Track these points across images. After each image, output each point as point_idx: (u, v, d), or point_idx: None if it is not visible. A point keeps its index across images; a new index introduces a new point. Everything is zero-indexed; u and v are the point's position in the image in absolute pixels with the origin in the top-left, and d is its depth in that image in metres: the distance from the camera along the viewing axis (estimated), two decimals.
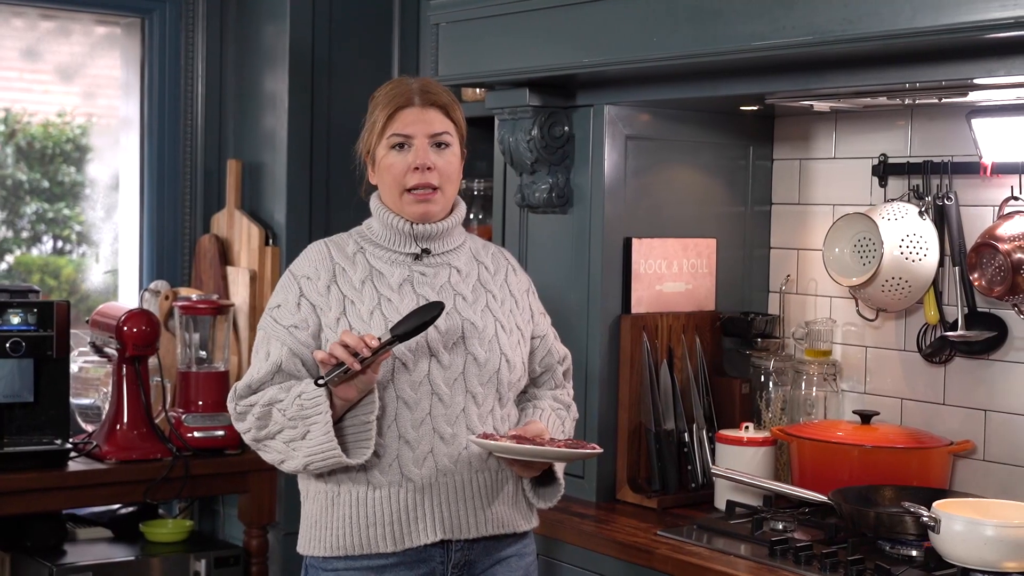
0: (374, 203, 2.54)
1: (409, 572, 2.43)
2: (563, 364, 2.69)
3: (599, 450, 2.44)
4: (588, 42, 2.89)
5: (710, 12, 2.59)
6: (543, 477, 2.53)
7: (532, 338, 2.62)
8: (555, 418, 2.62)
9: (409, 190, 2.45)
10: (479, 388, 2.46)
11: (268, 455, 2.44)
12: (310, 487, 2.48)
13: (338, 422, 2.36)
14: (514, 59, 3.08)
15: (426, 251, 2.50)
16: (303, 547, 2.50)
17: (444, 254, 2.53)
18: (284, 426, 2.37)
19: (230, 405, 2.45)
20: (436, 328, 2.42)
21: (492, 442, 2.38)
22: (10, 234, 4.30)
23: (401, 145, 2.45)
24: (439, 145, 2.47)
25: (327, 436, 2.32)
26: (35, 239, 4.34)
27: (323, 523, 2.45)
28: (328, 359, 2.29)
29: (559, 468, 2.53)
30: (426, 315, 2.33)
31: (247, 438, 2.46)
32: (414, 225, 2.48)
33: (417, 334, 2.34)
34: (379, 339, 2.30)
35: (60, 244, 4.39)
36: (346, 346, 2.28)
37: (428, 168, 2.44)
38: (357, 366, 2.28)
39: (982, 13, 2.19)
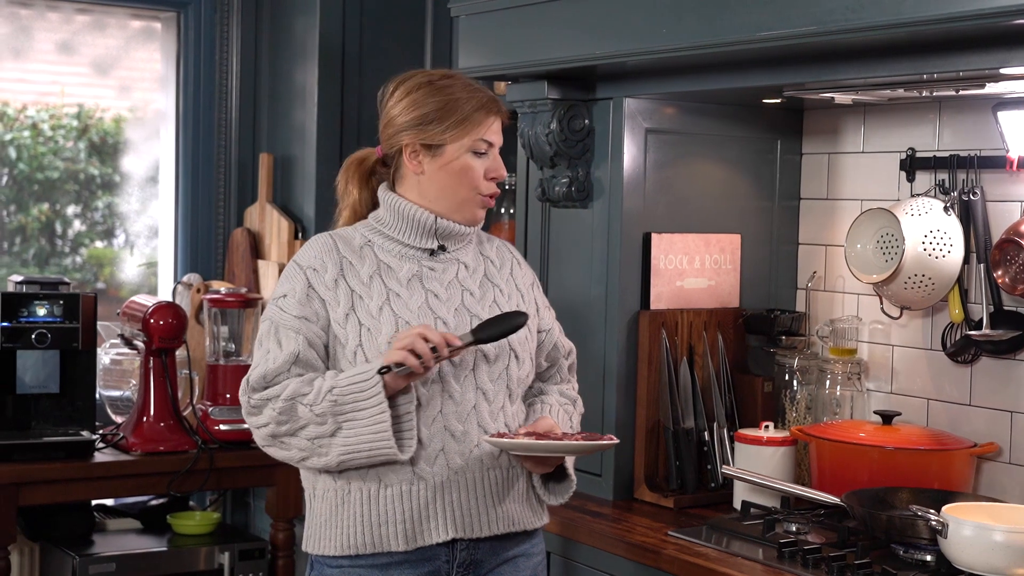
0: (391, 196, 2.46)
1: (414, 571, 2.39)
2: (568, 358, 2.66)
3: (615, 441, 2.42)
4: (601, 34, 2.85)
5: (717, 2, 2.54)
6: (555, 473, 2.50)
7: (538, 332, 2.58)
8: (563, 413, 2.58)
9: (482, 195, 2.45)
10: (489, 385, 2.43)
11: (283, 452, 2.38)
12: (317, 485, 2.43)
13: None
14: (531, 51, 3.05)
15: (442, 248, 2.47)
16: (311, 546, 2.45)
17: (455, 250, 2.50)
18: (310, 422, 2.31)
19: (243, 399, 2.38)
20: (445, 324, 2.40)
21: (507, 440, 2.35)
22: (84, 228, 4.35)
23: (483, 152, 2.44)
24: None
25: (382, 430, 2.28)
26: (108, 233, 4.39)
27: (333, 522, 2.40)
28: (405, 357, 2.26)
29: (570, 464, 2.49)
30: (509, 323, 2.37)
31: (262, 433, 2.38)
32: (438, 219, 2.44)
33: (497, 340, 2.37)
34: (460, 339, 2.32)
35: (111, 237, 4.43)
36: (427, 341, 2.27)
37: (504, 179, 2.49)
38: (433, 365, 2.29)
39: (987, 1, 2.11)
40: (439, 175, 2.43)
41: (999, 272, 2.78)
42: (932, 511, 2.41)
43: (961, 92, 2.65)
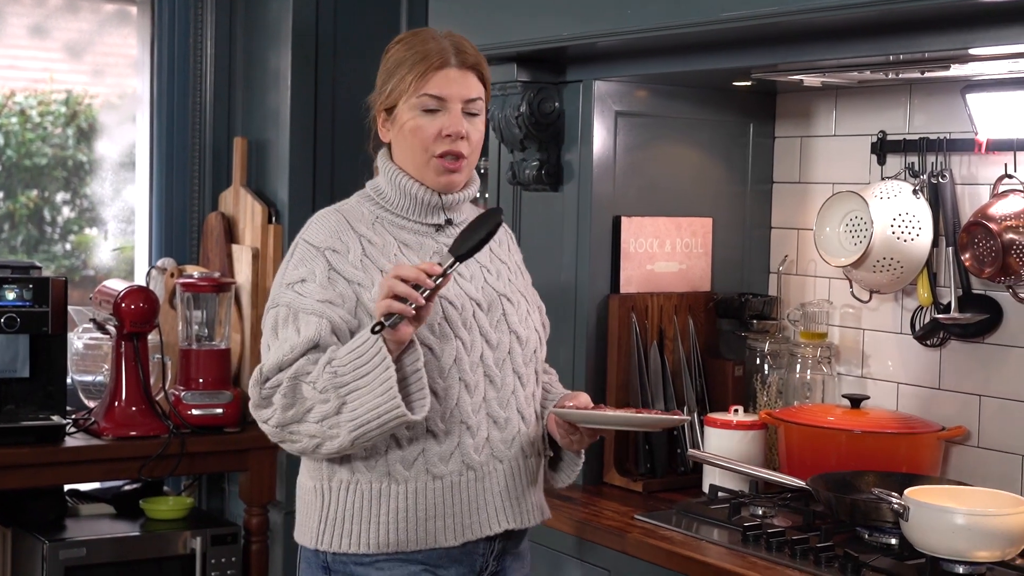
0: (387, 167, 2.30)
1: (460, 568, 2.27)
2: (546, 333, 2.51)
3: (687, 418, 2.43)
4: (569, 15, 2.84)
5: None
6: (566, 456, 2.42)
7: None
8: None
9: (436, 156, 2.24)
10: (523, 368, 2.30)
11: (297, 444, 2.16)
12: (334, 476, 2.23)
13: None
14: (501, 33, 3.03)
15: (449, 222, 2.30)
16: (326, 543, 2.23)
17: (459, 224, 2.31)
18: (316, 402, 2.11)
19: (253, 391, 2.16)
20: (479, 306, 2.26)
21: (593, 412, 2.27)
22: (73, 215, 4.33)
23: (432, 108, 2.23)
24: (470, 112, 2.26)
25: (389, 393, 2.07)
26: (97, 220, 4.37)
27: (364, 516, 2.20)
28: (389, 305, 2.06)
29: None
30: (486, 226, 2.14)
31: (270, 427, 2.16)
32: (442, 196, 2.28)
33: (479, 250, 2.15)
34: (440, 264, 2.10)
35: (86, 223, 4.41)
36: (405, 281, 2.06)
37: (461, 136, 2.24)
38: (422, 300, 2.06)
39: None
40: (398, 140, 2.28)
41: (967, 255, 2.77)
42: (894, 494, 2.40)
43: (927, 74, 2.63)
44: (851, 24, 2.39)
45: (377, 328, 2.07)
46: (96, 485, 4.02)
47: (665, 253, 3.21)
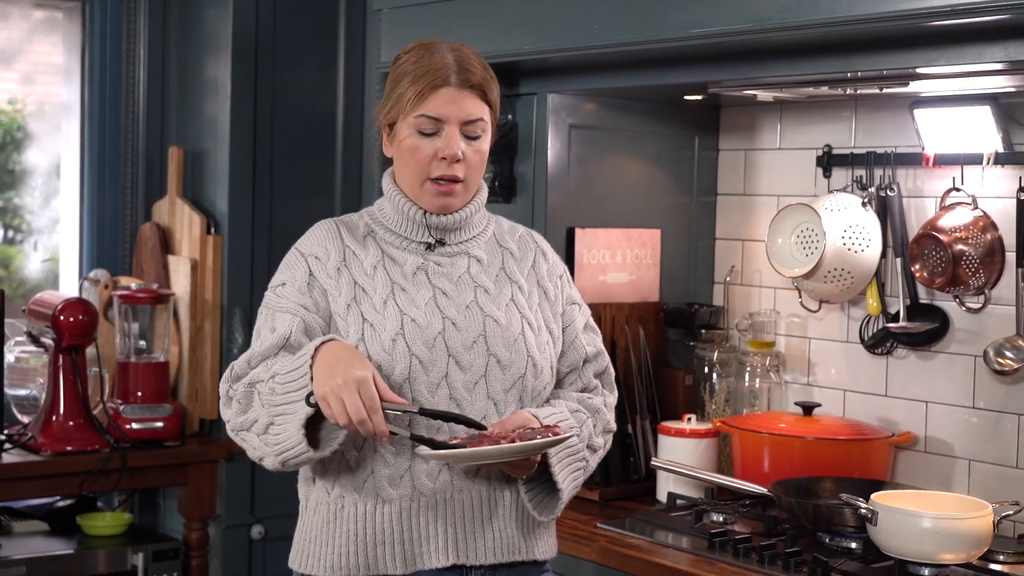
0: (387, 183, 2.26)
1: None
2: (595, 362, 2.34)
3: (561, 436, 2.06)
4: (530, 29, 2.87)
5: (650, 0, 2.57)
6: (546, 483, 2.20)
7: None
8: (572, 421, 2.23)
9: (431, 179, 2.19)
10: (501, 394, 2.17)
11: (249, 452, 2.14)
12: (311, 496, 2.22)
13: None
14: None
15: (440, 242, 2.24)
16: (297, 563, 2.22)
17: (462, 243, 2.26)
18: (257, 415, 2.08)
19: (222, 387, 2.14)
20: (455, 325, 2.17)
21: (473, 449, 2.02)
22: None
23: (428, 130, 2.17)
24: (469, 135, 2.18)
25: (298, 430, 2.03)
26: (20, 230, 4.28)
27: (324, 539, 2.18)
28: (324, 406, 2.00)
29: (556, 467, 2.16)
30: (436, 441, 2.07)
31: (228, 428, 2.15)
32: (428, 215, 2.21)
33: (420, 441, 2.08)
34: (404, 408, 2.06)
35: (11, 234, 4.31)
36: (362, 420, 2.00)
37: (457, 160, 2.17)
38: (358, 429, 2.01)
39: (921, 1, 2.17)
40: (398, 157, 2.23)
41: (917, 266, 2.85)
42: (861, 499, 2.46)
43: (885, 90, 2.71)
44: (818, 41, 2.45)
45: (311, 401, 2.02)
46: (28, 501, 3.93)
47: (616, 264, 3.25)
